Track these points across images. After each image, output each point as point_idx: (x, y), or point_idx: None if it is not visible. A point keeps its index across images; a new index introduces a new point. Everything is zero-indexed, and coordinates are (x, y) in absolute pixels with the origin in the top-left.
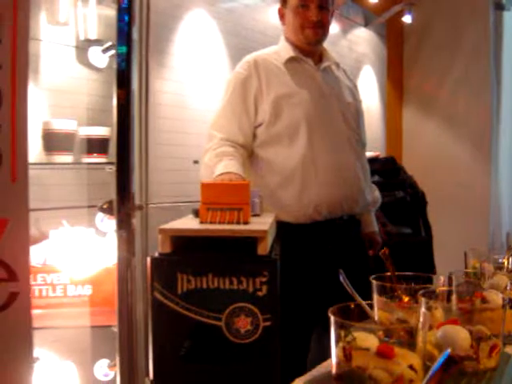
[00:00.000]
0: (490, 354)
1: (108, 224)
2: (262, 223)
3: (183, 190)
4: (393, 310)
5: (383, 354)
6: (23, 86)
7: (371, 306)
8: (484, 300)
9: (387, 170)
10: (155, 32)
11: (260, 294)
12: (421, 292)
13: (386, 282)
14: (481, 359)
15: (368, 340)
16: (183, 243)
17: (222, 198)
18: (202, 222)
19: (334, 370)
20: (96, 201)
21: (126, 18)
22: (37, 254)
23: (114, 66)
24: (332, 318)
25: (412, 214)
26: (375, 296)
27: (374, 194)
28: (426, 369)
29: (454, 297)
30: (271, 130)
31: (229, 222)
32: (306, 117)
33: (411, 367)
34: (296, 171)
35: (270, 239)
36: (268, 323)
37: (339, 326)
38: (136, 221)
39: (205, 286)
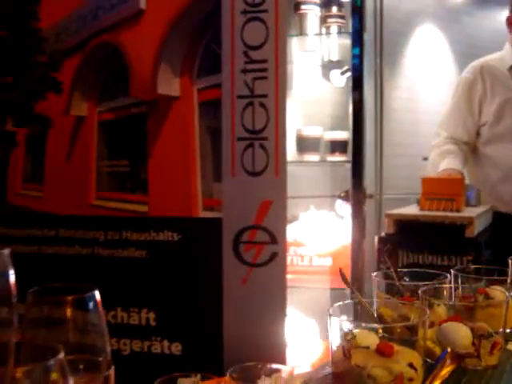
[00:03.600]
0: (492, 351)
1: (345, 209)
2: (473, 212)
3: (412, 184)
4: (395, 306)
5: (382, 351)
6: (283, 107)
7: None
8: (487, 296)
9: None
10: (388, 48)
11: (467, 270)
12: (422, 289)
13: (388, 278)
14: (482, 356)
15: (369, 338)
16: (405, 226)
17: (438, 189)
18: (421, 209)
19: (332, 369)
20: (336, 191)
21: (358, 22)
22: (290, 232)
23: (350, 84)
24: (331, 317)
25: None
26: (377, 292)
27: None
28: (426, 366)
29: (456, 293)
30: (494, 129)
31: (443, 210)
32: None
33: (411, 365)
34: None
35: (477, 225)
36: None
37: (339, 325)
38: (369, 208)
39: (421, 261)
